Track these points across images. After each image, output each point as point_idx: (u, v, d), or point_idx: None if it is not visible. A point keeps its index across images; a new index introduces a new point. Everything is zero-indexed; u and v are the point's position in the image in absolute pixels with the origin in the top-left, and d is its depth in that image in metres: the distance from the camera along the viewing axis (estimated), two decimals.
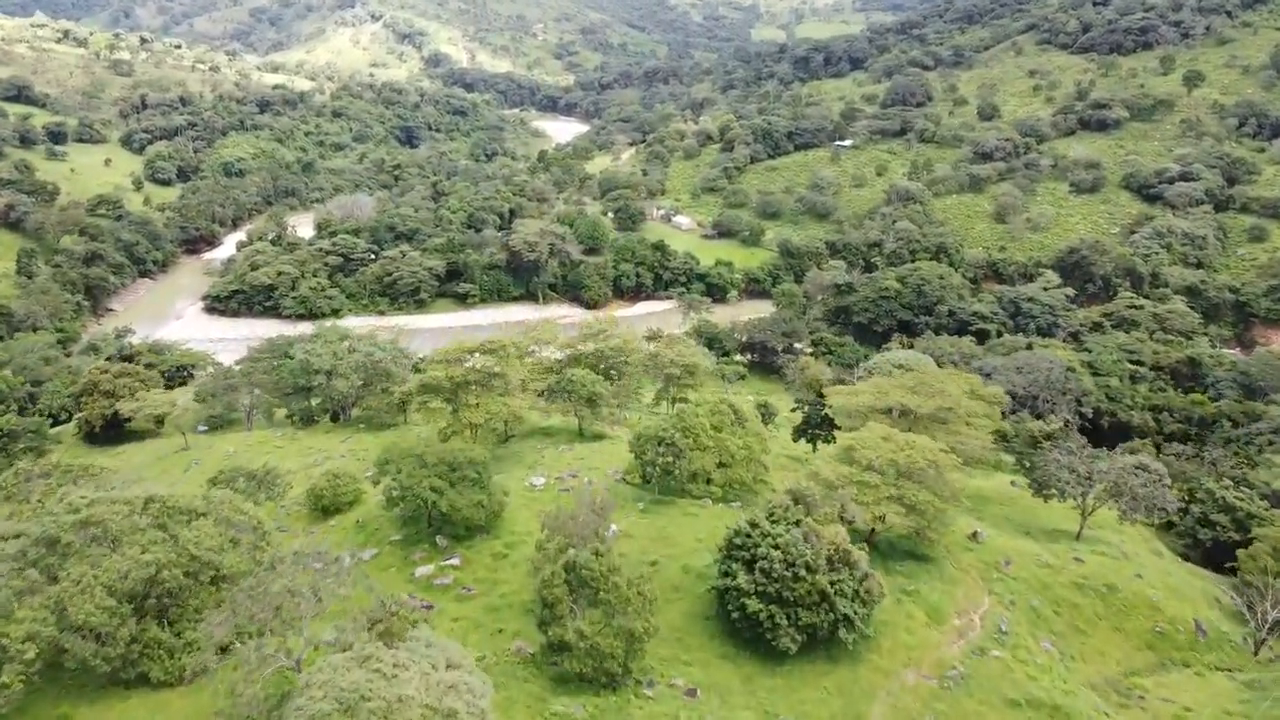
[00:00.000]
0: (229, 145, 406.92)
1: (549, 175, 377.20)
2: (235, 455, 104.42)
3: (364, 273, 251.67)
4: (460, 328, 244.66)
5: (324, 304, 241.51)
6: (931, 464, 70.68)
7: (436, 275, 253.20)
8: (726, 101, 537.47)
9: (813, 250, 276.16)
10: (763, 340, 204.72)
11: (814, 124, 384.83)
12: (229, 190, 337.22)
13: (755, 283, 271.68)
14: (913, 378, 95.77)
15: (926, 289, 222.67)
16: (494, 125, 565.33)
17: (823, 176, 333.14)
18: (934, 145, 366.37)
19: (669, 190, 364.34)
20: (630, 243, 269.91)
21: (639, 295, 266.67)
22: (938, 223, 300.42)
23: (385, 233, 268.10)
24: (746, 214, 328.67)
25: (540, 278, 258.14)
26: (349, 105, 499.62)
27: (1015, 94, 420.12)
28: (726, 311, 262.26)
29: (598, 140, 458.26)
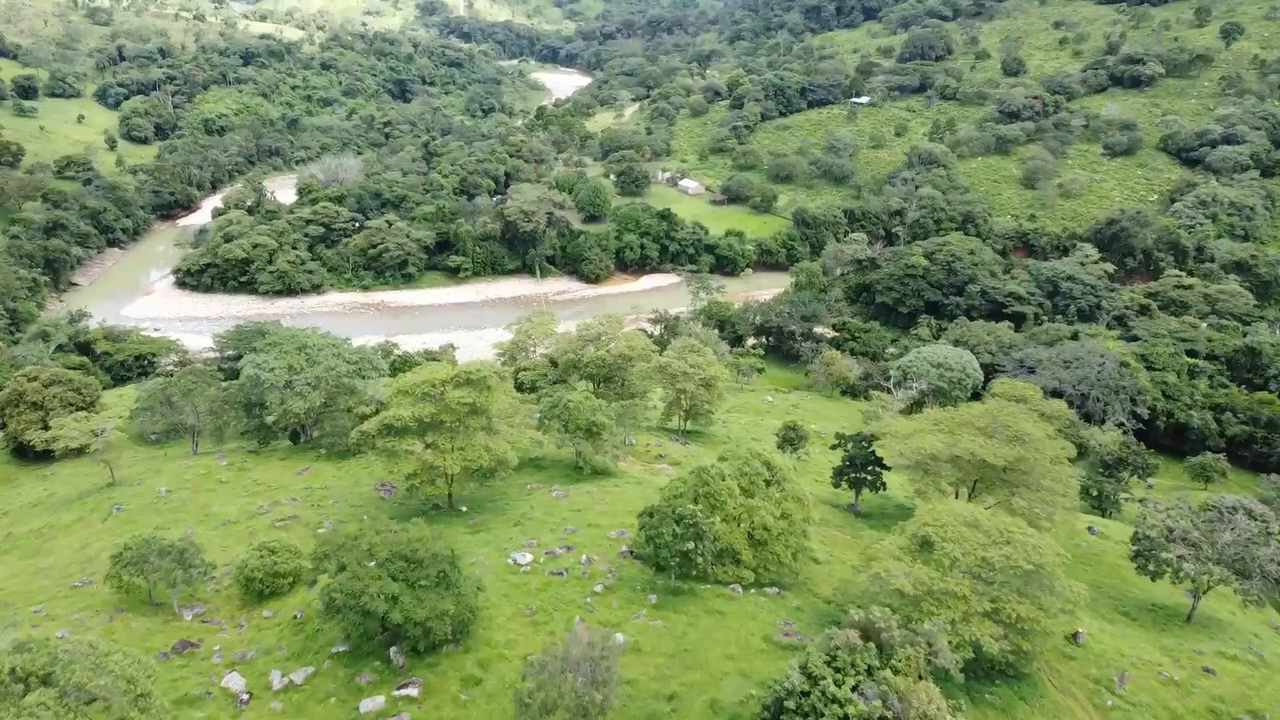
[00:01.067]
0: (210, 100, 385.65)
1: (547, 134, 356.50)
2: (168, 497, 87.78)
3: (347, 244, 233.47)
4: (450, 305, 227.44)
5: (303, 279, 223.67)
6: (1038, 567, 53.86)
7: (425, 247, 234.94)
8: (734, 54, 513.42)
9: (830, 219, 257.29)
10: (779, 325, 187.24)
11: (828, 79, 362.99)
12: (207, 150, 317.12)
13: (768, 255, 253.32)
14: (984, 414, 78.56)
15: (957, 266, 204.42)
16: (491, 78, 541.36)
17: (839, 137, 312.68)
18: (956, 103, 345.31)
19: (675, 151, 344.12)
20: (634, 211, 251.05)
21: (643, 269, 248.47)
22: (962, 188, 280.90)
23: (370, 200, 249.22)
24: (757, 177, 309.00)
25: (537, 250, 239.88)
26: (339, 57, 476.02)
27: (1040, 47, 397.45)
28: (737, 286, 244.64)
29: (599, 95, 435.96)
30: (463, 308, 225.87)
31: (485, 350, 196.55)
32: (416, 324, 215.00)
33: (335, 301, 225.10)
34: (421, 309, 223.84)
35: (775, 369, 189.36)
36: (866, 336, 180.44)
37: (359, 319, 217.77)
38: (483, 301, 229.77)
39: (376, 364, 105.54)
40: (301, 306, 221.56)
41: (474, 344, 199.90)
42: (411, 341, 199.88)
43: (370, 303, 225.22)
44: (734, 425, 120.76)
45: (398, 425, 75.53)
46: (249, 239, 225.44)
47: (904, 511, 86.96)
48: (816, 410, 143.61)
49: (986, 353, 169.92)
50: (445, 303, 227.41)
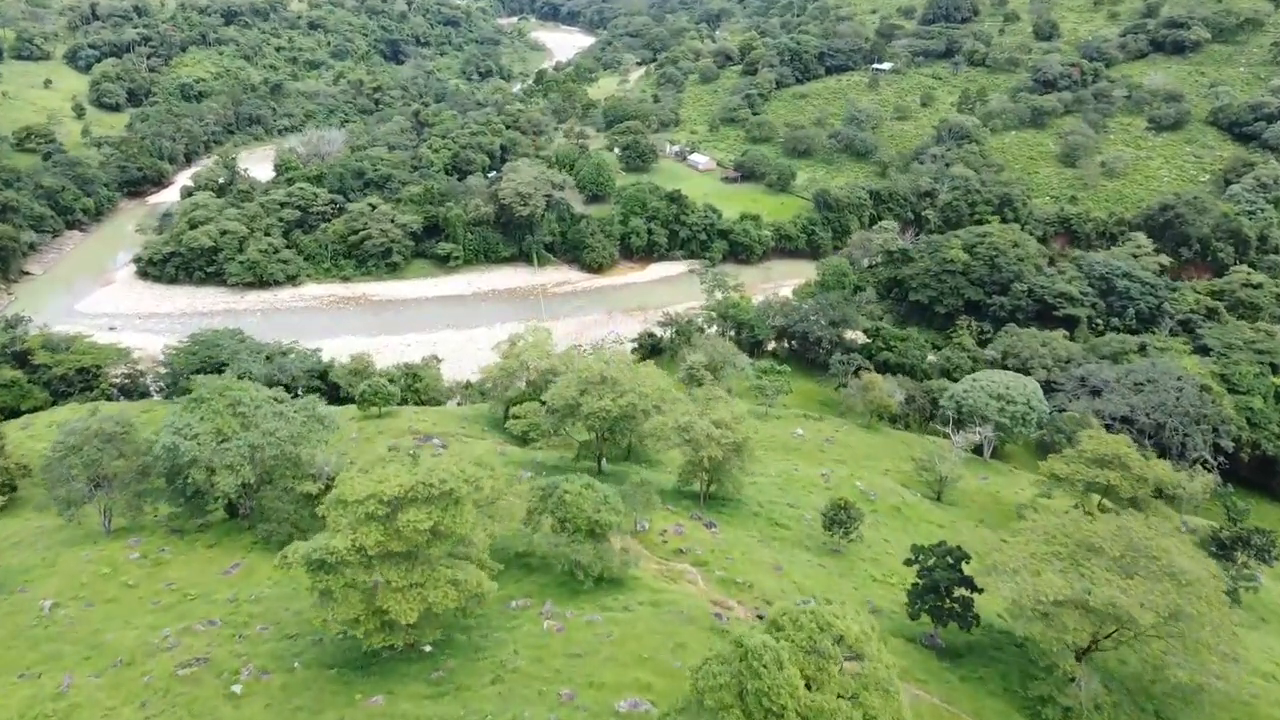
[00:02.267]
0: (188, 63, 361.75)
1: (547, 102, 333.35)
2: (51, 616, 68.54)
3: (326, 230, 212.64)
4: (439, 298, 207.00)
5: (277, 269, 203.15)
6: None
7: (412, 233, 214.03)
8: (745, 14, 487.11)
9: (854, 202, 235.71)
10: (804, 330, 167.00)
11: (847, 43, 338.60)
12: (180, 120, 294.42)
13: (786, 240, 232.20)
14: (1116, 536, 58.72)
15: (1000, 262, 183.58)
16: (489, 38, 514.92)
17: (861, 108, 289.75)
18: (985, 69, 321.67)
19: (684, 121, 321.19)
20: (640, 192, 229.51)
21: (650, 256, 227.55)
22: (996, 166, 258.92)
23: (352, 180, 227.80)
24: (772, 152, 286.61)
25: (534, 236, 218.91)
26: (328, 16, 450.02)
27: (1073, 8, 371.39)
28: (753, 275, 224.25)
29: (602, 58, 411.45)
30: (452, 301, 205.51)
31: (474, 356, 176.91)
32: (400, 320, 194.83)
33: (312, 294, 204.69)
34: (407, 303, 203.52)
35: (799, 378, 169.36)
36: (904, 346, 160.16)
37: (337, 314, 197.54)
38: (474, 294, 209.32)
39: (329, 423, 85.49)
40: (274, 300, 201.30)
41: (463, 348, 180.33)
42: (393, 345, 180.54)
43: (350, 296, 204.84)
44: (764, 481, 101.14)
45: (330, 560, 55.78)
46: (217, 225, 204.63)
47: (1000, 642, 67.62)
48: (855, 446, 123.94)
49: (1041, 368, 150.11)
50: (433, 295, 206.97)
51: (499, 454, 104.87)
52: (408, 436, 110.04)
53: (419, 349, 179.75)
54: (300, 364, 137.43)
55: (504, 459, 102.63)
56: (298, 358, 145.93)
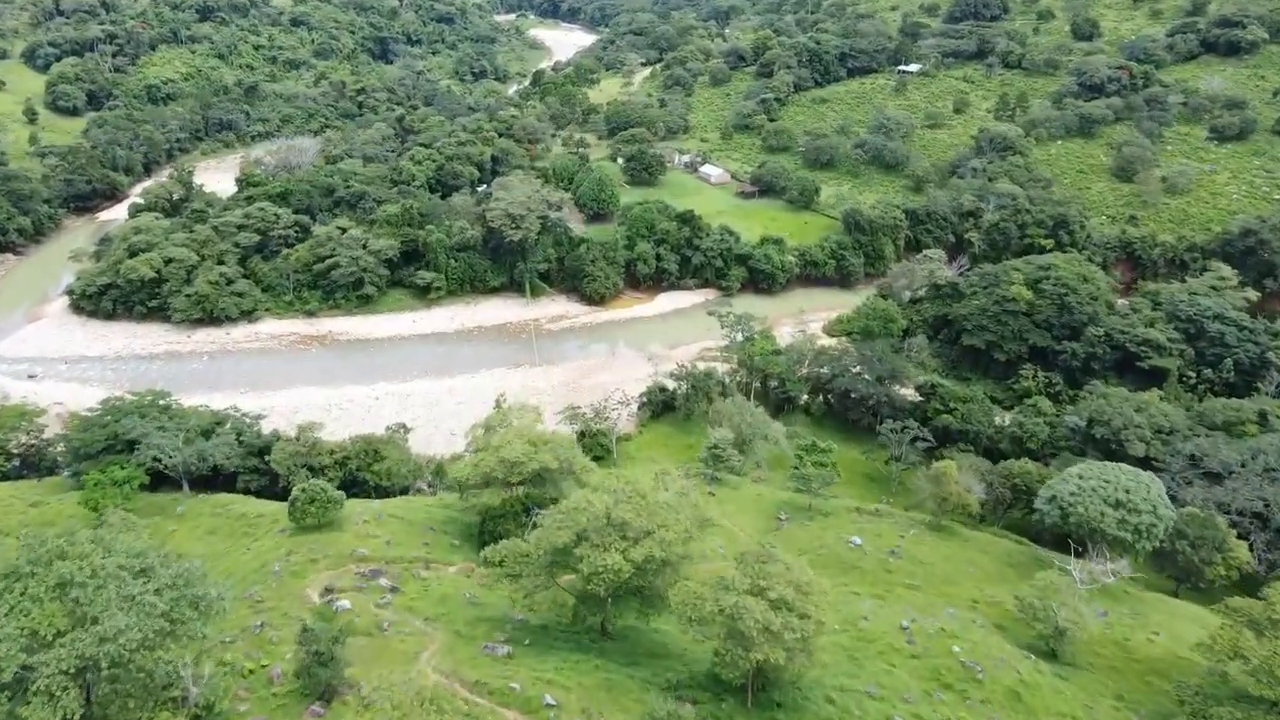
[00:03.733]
0: (157, 63, 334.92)
1: (544, 106, 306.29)
2: None
3: (288, 257, 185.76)
4: (417, 336, 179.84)
5: (230, 303, 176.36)
6: None
7: (388, 260, 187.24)
8: (755, 11, 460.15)
9: (889, 223, 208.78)
10: (847, 386, 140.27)
11: (871, 43, 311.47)
12: (140, 126, 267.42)
13: (813, 266, 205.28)
14: None
15: (1071, 301, 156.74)
16: (485, 36, 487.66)
17: (890, 116, 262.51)
18: (1021, 72, 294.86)
19: (693, 127, 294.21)
20: (648, 212, 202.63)
21: (659, 284, 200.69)
22: (1043, 180, 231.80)
23: (321, 198, 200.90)
24: (791, 162, 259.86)
25: (527, 263, 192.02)
26: (313, 12, 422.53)
27: (1111, 5, 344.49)
28: (775, 306, 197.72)
29: (605, 58, 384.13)
30: (432, 340, 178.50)
31: (454, 412, 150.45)
32: (371, 365, 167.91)
33: (270, 332, 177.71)
34: (379, 343, 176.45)
35: (838, 440, 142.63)
36: (967, 409, 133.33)
37: (298, 357, 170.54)
38: (458, 331, 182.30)
39: (209, 607, 58.39)
40: (226, 340, 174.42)
41: (440, 402, 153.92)
42: (359, 398, 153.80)
43: (314, 334, 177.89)
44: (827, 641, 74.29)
45: None
46: (161, 252, 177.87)
47: None
48: (928, 561, 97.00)
49: (1139, 440, 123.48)
50: (410, 333, 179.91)
51: (467, 600, 78.28)
52: (350, 566, 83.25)
53: (389, 404, 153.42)
54: (226, 448, 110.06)
55: (474, 609, 76.15)
56: (233, 429, 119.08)
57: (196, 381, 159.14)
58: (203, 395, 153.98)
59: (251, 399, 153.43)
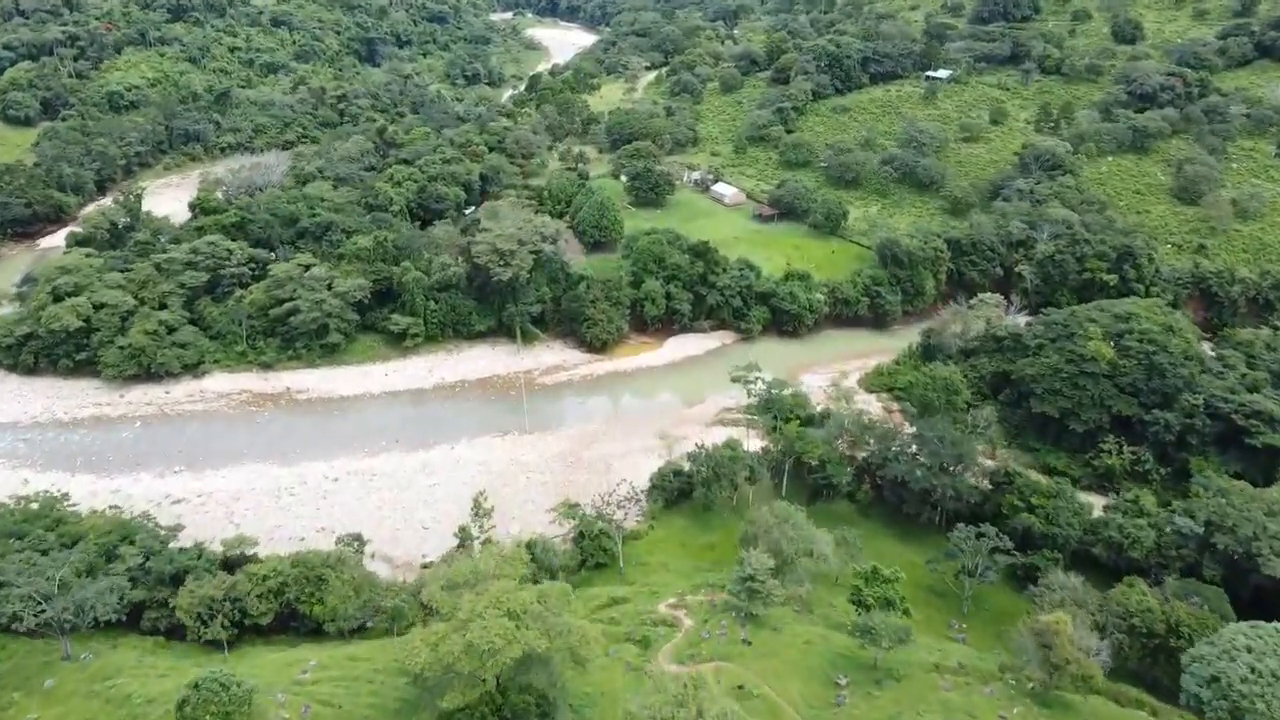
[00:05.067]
0: (121, 67, 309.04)
1: (540, 115, 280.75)
2: None
3: (241, 299, 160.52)
4: (388, 394, 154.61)
5: (171, 356, 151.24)
6: None
7: (358, 303, 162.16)
8: (764, 10, 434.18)
9: (929, 254, 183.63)
10: (902, 475, 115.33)
11: (895, 46, 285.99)
12: (93, 139, 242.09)
13: (844, 305, 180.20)
14: None
15: (1160, 361, 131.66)
16: (479, 36, 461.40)
17: (921, 128, 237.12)
18: (1060, 78, 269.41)
19: (703, 139, 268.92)
20: (656, 244, 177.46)
21: (670, 327, 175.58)
22: (1097, 203, 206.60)
23: (282, 229, 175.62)
24: (812, 178, 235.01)
25: (519, 305, 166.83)
26: (296, 11, 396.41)
27: (1151, 5, 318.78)
28: (802, 352, 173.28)
29: (605, 61, 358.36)
30: (406, 398, 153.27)
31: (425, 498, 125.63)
32: (332, 433, 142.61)
33: (217, 389, 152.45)
34: (345, 402, 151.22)
35: (890, 540, 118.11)
36: (1053, 507, 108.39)
37: (248, 422, 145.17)
38: (437, 386, 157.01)
39: None
40: (166, 400, 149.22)
41: (411, 482, 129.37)
42: (314, 477, 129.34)
43: (269, 392, 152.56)
44: None
45: None
46: (92, 296, 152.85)
47: None
48: None
49: (1274, 554, 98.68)
50: (381, 390, 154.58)
51: None
52: None
53: (351, 487, 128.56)
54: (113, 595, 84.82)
55: None
56: (141, 550, 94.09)
57: (123, 456, 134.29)
58: (126, 477, 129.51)
59: (185, 481, 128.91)
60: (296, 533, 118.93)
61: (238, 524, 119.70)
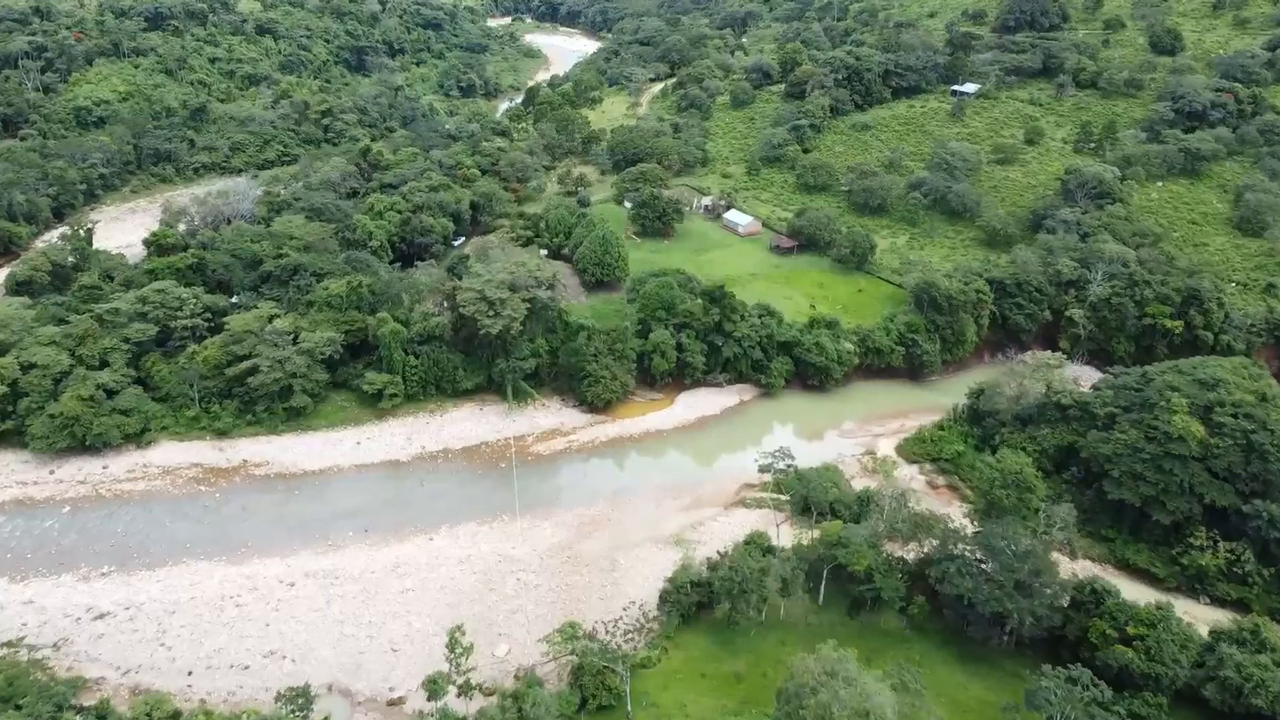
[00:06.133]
0: (91, 80, 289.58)
1: (537, 132, 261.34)
2: None
3: (194, 356, 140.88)
4: (359, 466, 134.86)
5: (110, 425, 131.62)
6: None
7: (327, 360, 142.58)
8: (774, 17, 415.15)
9: (971, 297, 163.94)
10: (967, 594, 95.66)
11: (918, 58, 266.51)
12: (50, 162, 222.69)
13: (875, 354, 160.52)
14: None
15: (1259, 440, 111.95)
16: (475, 43, 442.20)
17: (952, 149, 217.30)
18: (1097, 93, 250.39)
19: (713, 158, 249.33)
20: (666, 288, 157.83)
21: (681, 381, 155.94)
22: (1150, 236, 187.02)
23: (244, 272, 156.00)
24: (833, 204, 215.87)
25: (510, 360, 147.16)
26: (282, 19, 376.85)
27: (1187, 13, 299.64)
28: (830, 409, 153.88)
29: (608, 71, 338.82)
30: (381, 473, 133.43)
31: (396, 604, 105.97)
32: (292, 520, 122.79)
33: (164, 463, 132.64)
34: (309, 479, 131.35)
35: (948, 664, 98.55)
36: (1155, 639, 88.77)
37: (194, 506, 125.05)
38: (417, 456, 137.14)
39: None
40: (102, 477, 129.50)
41: (379, 588, 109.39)
42: (267, 582, 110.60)
43: (223, 465, 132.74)
44: None
45: None
46: (20, 354, 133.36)
47: None
48: None
49: None
50: (352, 463, 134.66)
51: None
52: None
53: (308, 592, 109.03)
54: None
55: None
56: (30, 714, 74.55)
57: (45, 553, 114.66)
58: (45, 581, 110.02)
59: (113, 588, 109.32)
60: (240, 658, 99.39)
61: (169, 647, 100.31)
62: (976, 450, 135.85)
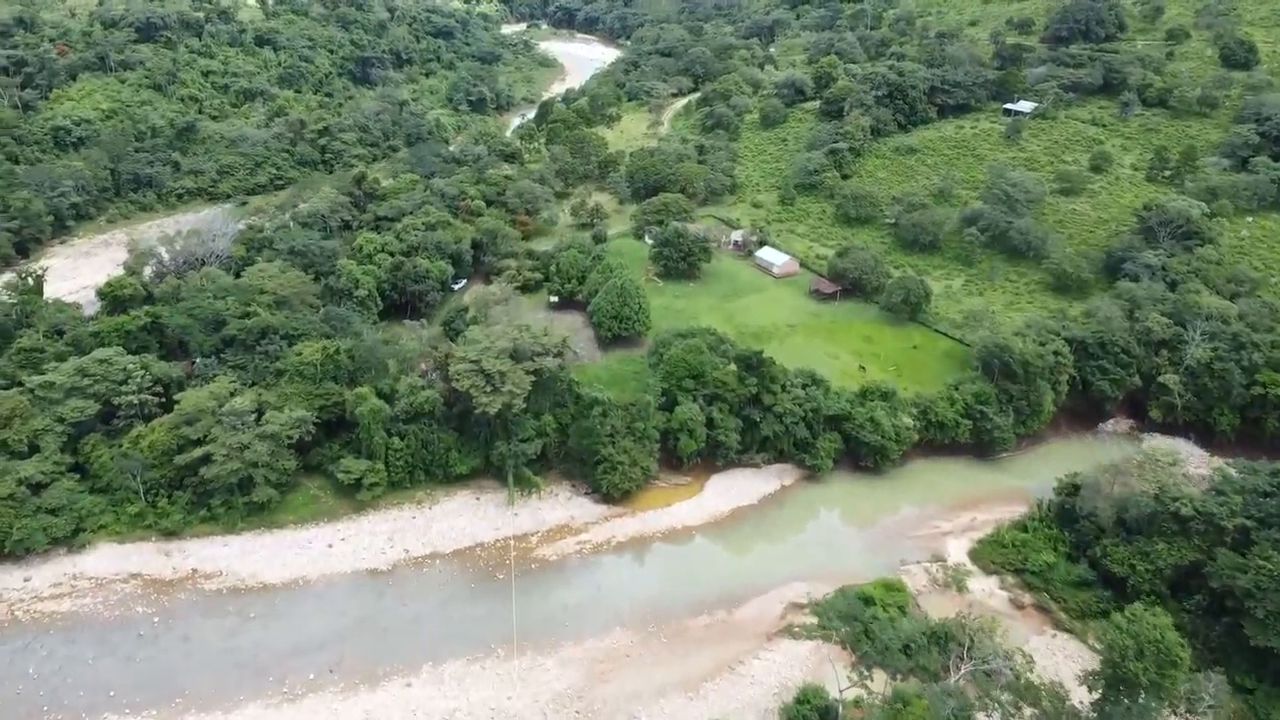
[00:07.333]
0: (74, 96, 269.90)
1: (549, 154, 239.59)
2: None
3: (138, 441, 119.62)
4: (328, 578, 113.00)
5: (35, 526, 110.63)
6: None
7: (295, 444, 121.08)
8: (803, 25, 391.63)
9: (1049, 361, 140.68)
10: None
11: (968, 74, 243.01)
12: (11, 193, 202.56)
13: (937, 428, 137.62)
14: None
15: None
16: (488, 52, 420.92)
17: (1013, 180, 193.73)
18: (1166, 112, 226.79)
19: (741, 184, 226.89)
20: (694, 352, 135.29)
21: (712, 463, 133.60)
22: (1246, 282, 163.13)
23: (203, 334, 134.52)
24: (876, 239, 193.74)
25: (512, 443, 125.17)
26: (284, 28, 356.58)
27: (1255, 21, 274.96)
28: (884, 493, 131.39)
29: (626, 84, 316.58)
30: (354, 586, 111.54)
31: None
32: (242, 651, 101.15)
33: (99, 571, 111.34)
34: (268, 595, 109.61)
35: None
36: None
37: (124, 635, 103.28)
38: (400, 562, 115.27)
39: None
40: (22, 591, 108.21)
41: None
42: None
43: (166, 577, 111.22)
44: None
45: None
46: None
47: None
48: None
49: None
50: (321, 573, 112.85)
51: None
52: None
53: None
54: None
55: None
56: None
57: None
58: None
59: None
60: None
61: None
62: (1069, 561, 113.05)
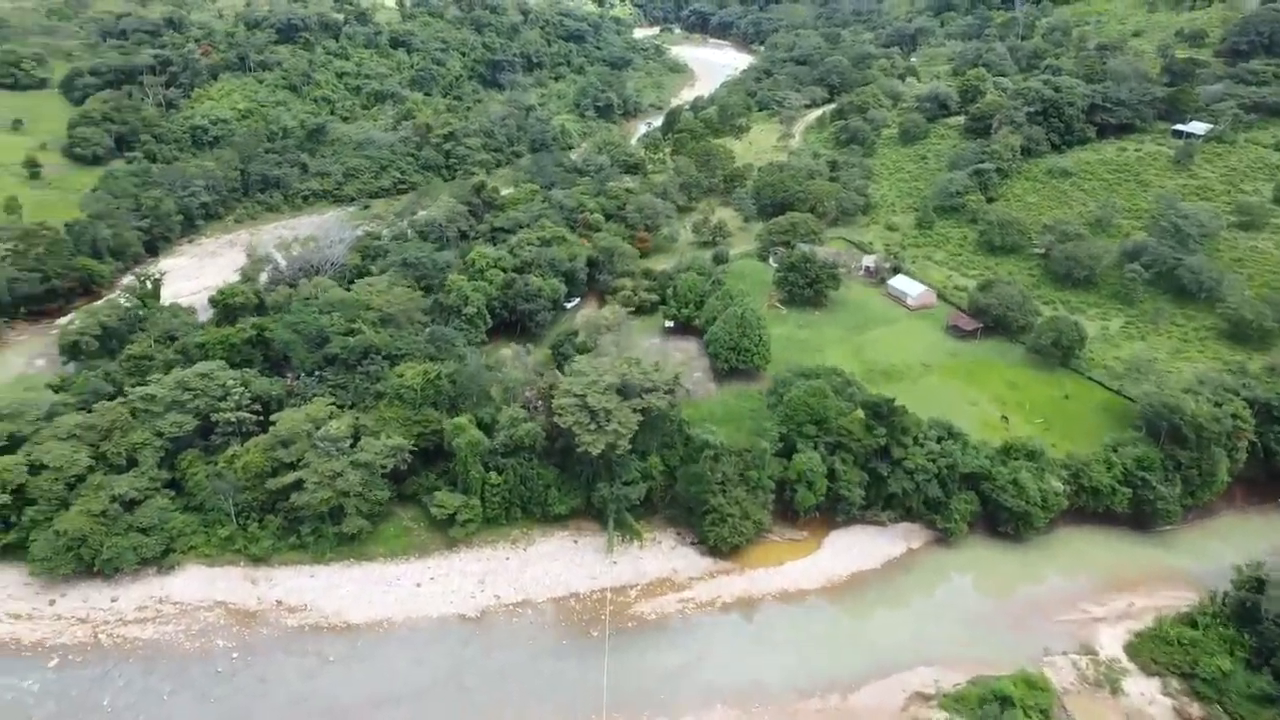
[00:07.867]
0: (213, 95, 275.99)
1: (674, 165, 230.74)
2: None
3: (232, 461, 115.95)
4: (411, 622, 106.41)
5: (125, 546, 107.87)
6: None
7: (389, 474, 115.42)
8: (947, 33, 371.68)
9: (1226, 425, 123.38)
10: None
11: (1133, 91, 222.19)
12: (145, 192, 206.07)
13: (1092, 494, 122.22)
14: None
15: None
16: (619, 57, 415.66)
17: (1185, 212, 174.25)
18: None
19: (875, 204, 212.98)
20: (817, 396, 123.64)
21: (832, 518, 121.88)
22: None
23: (306, 350, 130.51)
24: (1022, 271, 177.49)
25: (614, 486, 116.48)
26: (419, 30, 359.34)
27: None
28: (1025, 564, 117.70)
29: (757, 93, 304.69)
30: (440, 632, 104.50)
31: None
32: (316, 699, 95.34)
33: (185, 597, 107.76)
34: (350, 636, 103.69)
35: None
36: None
37: (201, 670, 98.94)
38: (491, 609, 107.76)
39: None
40: (109, 612, 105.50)
41: None
42: None
43: (251, 608, 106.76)
44: None
45: None
46: (34, 451, 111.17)
47: None
48: None
49: None
50: (404, 616, 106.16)
51: None
52: None
53: None
54: None
55: None
56: None
57: None
58: None
59: None
60: None
61: None
62: (1250, 669, 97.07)
